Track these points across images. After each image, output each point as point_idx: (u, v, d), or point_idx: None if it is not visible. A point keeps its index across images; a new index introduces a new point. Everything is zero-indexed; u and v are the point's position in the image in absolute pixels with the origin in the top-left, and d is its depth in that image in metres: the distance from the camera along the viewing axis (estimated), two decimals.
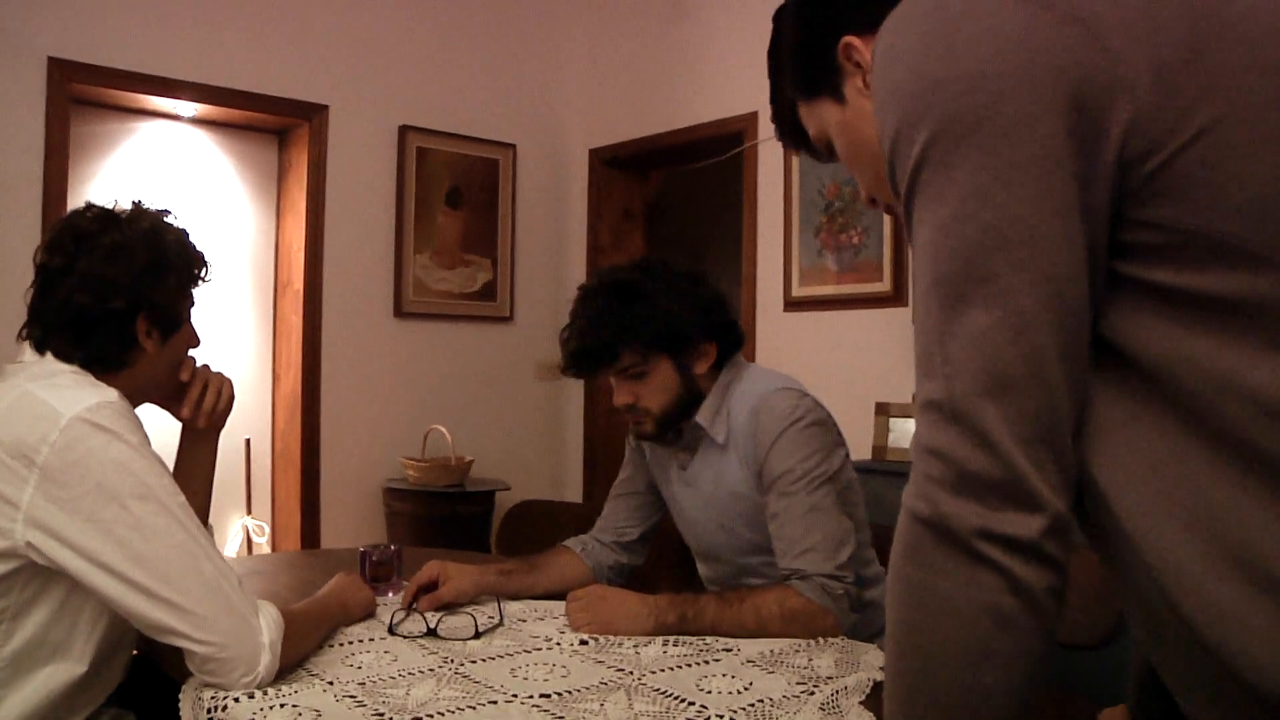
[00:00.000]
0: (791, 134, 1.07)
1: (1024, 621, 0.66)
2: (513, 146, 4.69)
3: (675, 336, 1.69)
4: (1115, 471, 0.68)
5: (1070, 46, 0.65)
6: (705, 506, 1.81)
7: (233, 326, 4.20)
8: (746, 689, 1.31)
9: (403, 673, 1.35)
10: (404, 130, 4.32)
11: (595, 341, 1.69)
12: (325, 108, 4.11)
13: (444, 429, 4.18)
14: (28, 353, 1.36)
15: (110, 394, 1.29)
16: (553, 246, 4.91)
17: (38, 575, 1.24)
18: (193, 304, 1.49)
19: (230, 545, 4.17)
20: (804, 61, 0.99)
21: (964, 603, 0.66)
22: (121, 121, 3.92)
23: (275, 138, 4.31)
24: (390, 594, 1.79)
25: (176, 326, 1.45)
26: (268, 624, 1.26)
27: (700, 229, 6.11)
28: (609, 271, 1.79)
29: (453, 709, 1.21)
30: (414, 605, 1.64)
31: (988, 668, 0.66)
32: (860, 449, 3.26)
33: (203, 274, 1.49)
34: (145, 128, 3.97)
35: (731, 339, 1.79)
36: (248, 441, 4.17)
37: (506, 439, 4.67)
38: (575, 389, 4.92)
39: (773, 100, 1.09)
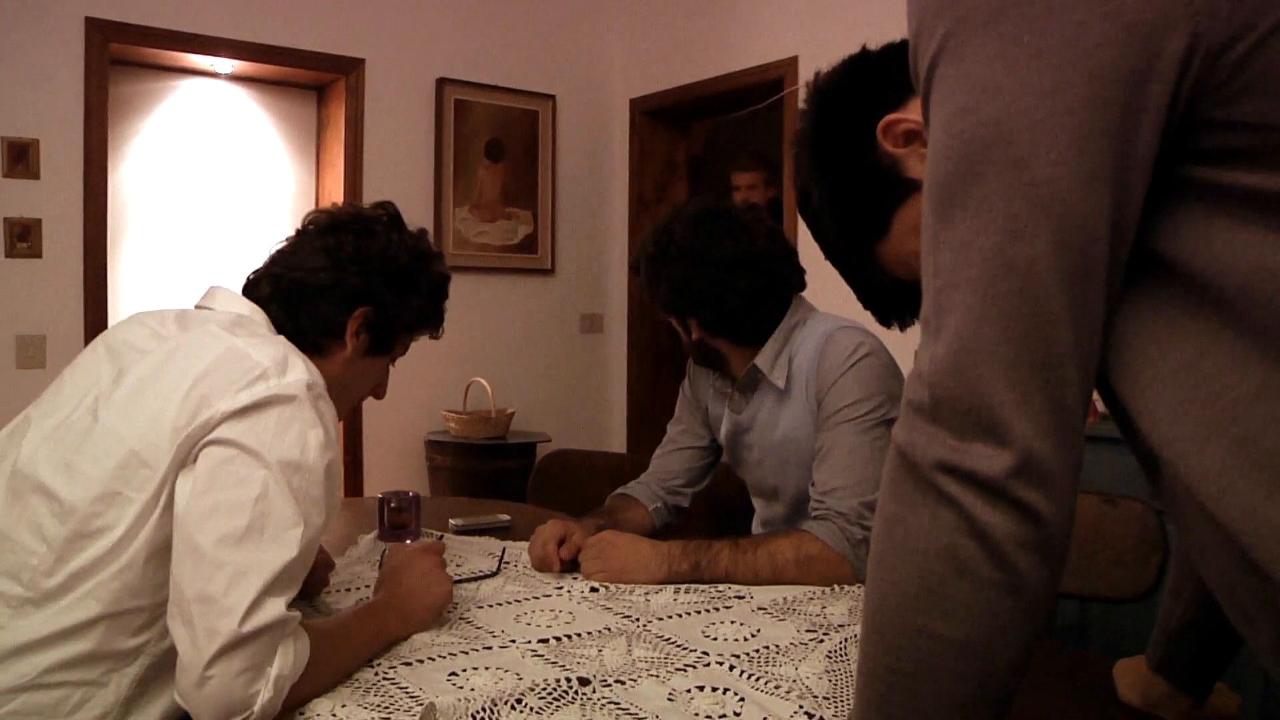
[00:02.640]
0: (886, 302, 0.98)
1: (984, 572, 0.59)
2: (552, 98, 4.64)
3: (664, 303, 1.78)
4: (1181, 424, 0.59)
5: None
6: (763, 450, 1.78)
7: None
8: (753, 635, 1.28)
9: None
10: (441, 83, 4.29)
11: (641, 278, 1.83)
12: (362, 62, 4.09)
13: (485, 382, 4.18)
14: (219, 297, 1.30)
15: (317, 373, 1.16)
16: (594, 199, 4.87)
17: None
18: (405, 347, 1.43)
19: None
20: (859, 194, 0.91)
21: (922, 540, 0.60)
22: (160, 80, 3.94)
23: (313, 93, 4.31)
24: (408, 541, 1.79)
25: (385, 348, 1.38)
26: (286, 660, 1.02)
27: None
28: (671, 214, 1.81)
29: (445, 654, 1.19)
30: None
31: (938, 614, 0.60)
32: None
33: (434, 329, 1.45)
34: (184, 86, 3.99)
35: (731, 327, 1.75)
36: None
37: (548, 392, 4.67)
38: (619, 341, 4.90)
39: (849, 274, 0.99)
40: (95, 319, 3.50)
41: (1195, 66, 0.55)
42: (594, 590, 1.49)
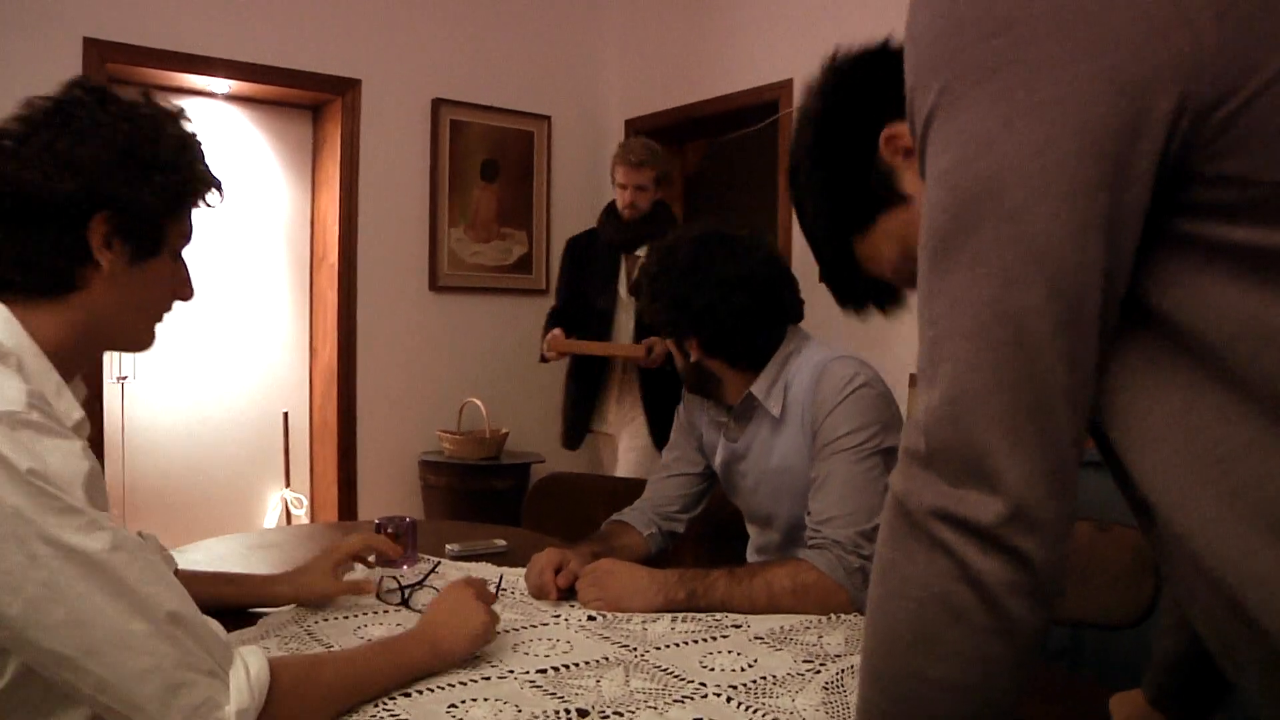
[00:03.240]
0: (848, 288, 1.00)
1: (979, 619, 0.60)
2: (548, 118, 4.66)
3: (661, 321, 1.80)
4: (1172, 475, 0.60)
5: None
6: (758, 478, 1.79)
7: (269, 301, 4.24)
8: (750, 666, 1.28)
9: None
10: (437, 103, 4.31)
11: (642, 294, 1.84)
12: (358, 82, 4.10)
13: (479, 402, 4.18)
14: None
15: (13, 388, 0.93)
16: (589, 219, 4.83)
17: None
18: (188, 235, 1.17)
19: (269, 518, 4.22)
20: (850, 187, 0.92)
21: (917, 586, 0.62)
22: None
23: (309, 113, 4.32)
24: (405, 567, 1.79)
25: (153, 248, 1.11)
26: (239, 692, 0.95)
27: (739, 201, 6.02)
28: (675, 234, 1.82)
29: (444, 685, 1.19)
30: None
31: (933, 660, 0.61)
32: None
33: (208, 196, 1.18)
34: (180, 106, 4.00)
35: (731, 347, 1.76)
36: (285, 415, 4.21)
37: (542, 412, 4.66)
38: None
39: (819, 254, 1.00)
40: None
41: (1184, 124, 0.57)
42: (591, 619, 1.49)
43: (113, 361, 3.81)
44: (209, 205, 1.19)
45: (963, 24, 0.61)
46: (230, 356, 4.15)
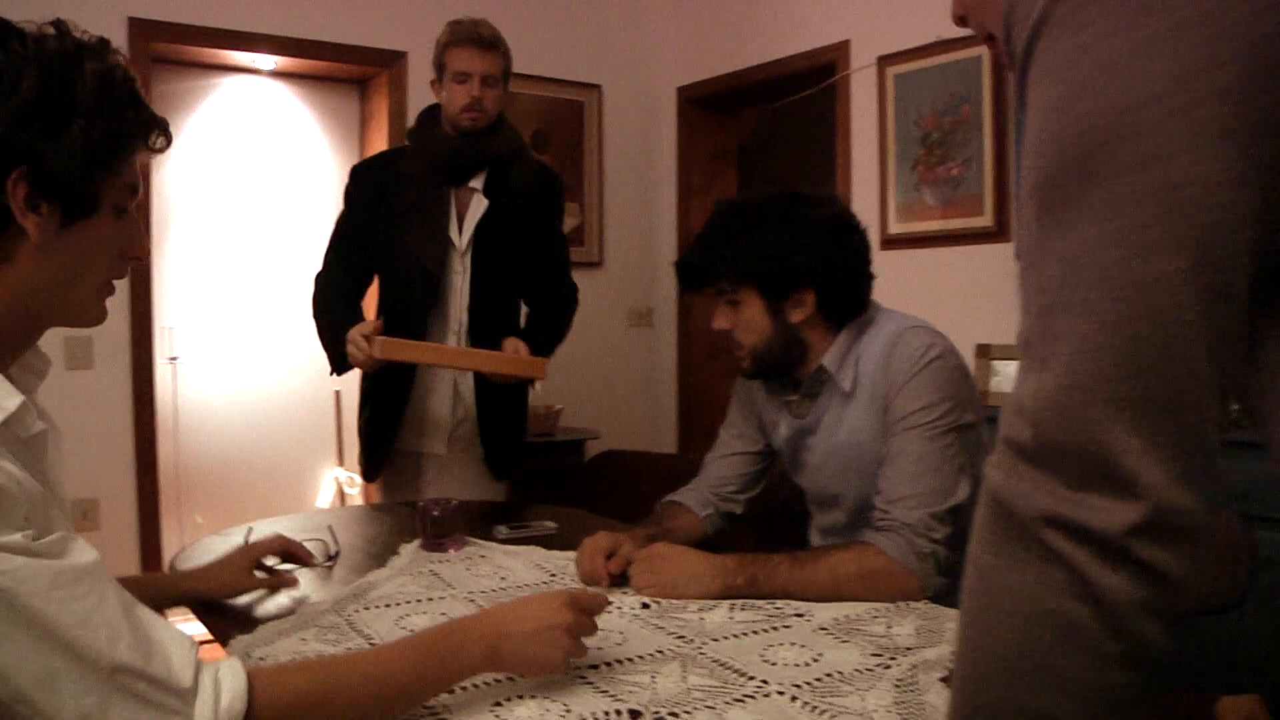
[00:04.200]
0: None
1: (1098, 641, 0.50)
2: (598, 87, 4.56)
3: (765, 274, 1.59)
4: None
5: None
6: (825, 454, 1.68)
7: None
8: (815, 660, 1.19)
9: None
10: None
11: (694, 259, 1.66)
12: (404, 55, 4.03)
13: None
14: None
15: None
16: (643, 189, 4.78)
17: None
18: (134, 187, 1.01)
19: (323, 497, 4.21)
20: None
21: (1024, 602, 0.51)
22: (202, 78, 3.93)
23: (356, 88, 4.27)
24: (451, 550, 1.72)
25: (88, 207, 0.95)
26: (204, 709, 0.87)
27: (795, 167, 5.88)
28: (745, 193, 1.72)
29: (491, 680, 1.12)
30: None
31: (1045, 689, 0.51)
32: None
33: (151, 139, 1.01)
34: (226, 83, 3.97)
35: (845, 296, 1.63)
36: (338, 394, 4.19)
37: (597, 388, 4.60)
38: (669, 336, 4.81)
39: None
40: (141, 319, 3.49)
41: None
42: (645, 607, 1.41)
43: (163, 341, 3.81)
44: (153, 149, 1.02)
45: None
46: (281, 335, 4.12)
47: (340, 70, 4.09)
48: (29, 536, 0.82)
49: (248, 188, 4.06)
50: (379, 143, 4.12)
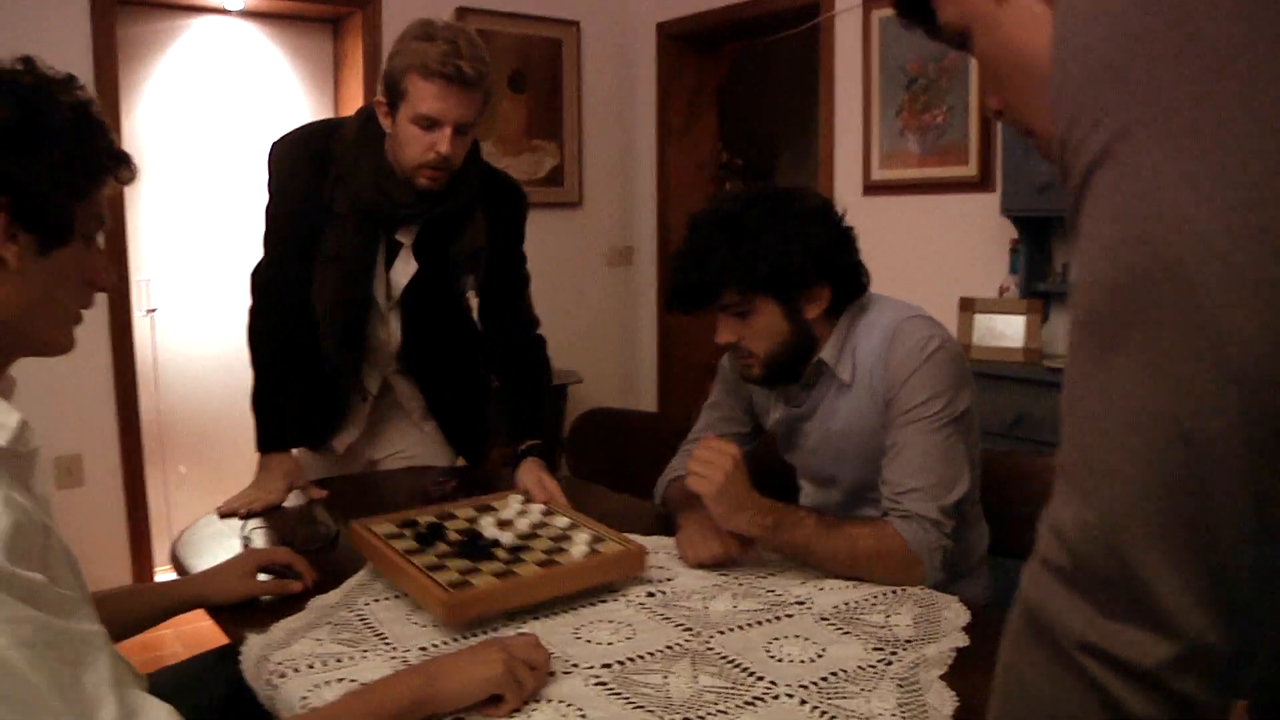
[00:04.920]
0: (913, 6, 0.82)
1: None
2: (576, 24, 4.48)
3: (781, 278, 1.55)
4: None
5: None
6: (820, 439, 1.71)
7: None
8: (819, 656, 1.24)
9: (473, 633, 1.30)
10: (461, 12, 4.13)
11: (695, 279, 1.57)
12: None
13: None
14: None
15: None
16: (621, 129, 4.73)
17: None
18: (101, 217, 1.05)
19: None
20: None
21: (1050, 708, 0.54)
22: (170, 19, 3.80)
23: (329, 27, 4.16)
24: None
25: (62, 235, 0.99)
26: None
27: (775, 109, 5.82)
28: (719, 202, 1.65)
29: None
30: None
31: None
32: None
33: (117, 170, 1.05)
34: (195, 24, 3.85)
35: (852, 283, 1.63)
36: None
37: (578, 328, 4.61)
38: (649, 273, 4.81)
39: None
40: (117, 268, 3.45)
41: None
42: (650, 595, 1.44)
43: (141, 294, 3.76)
44: (120, 181, 1.06)
45: (1157, 43, 0.48)
46: None
47: (311, 10, 3.98)
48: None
49: (220, 133, 3.97)
50: (354, 84, 4.04)
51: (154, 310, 3.81)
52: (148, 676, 1.14)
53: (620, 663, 1.22)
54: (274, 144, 1.99)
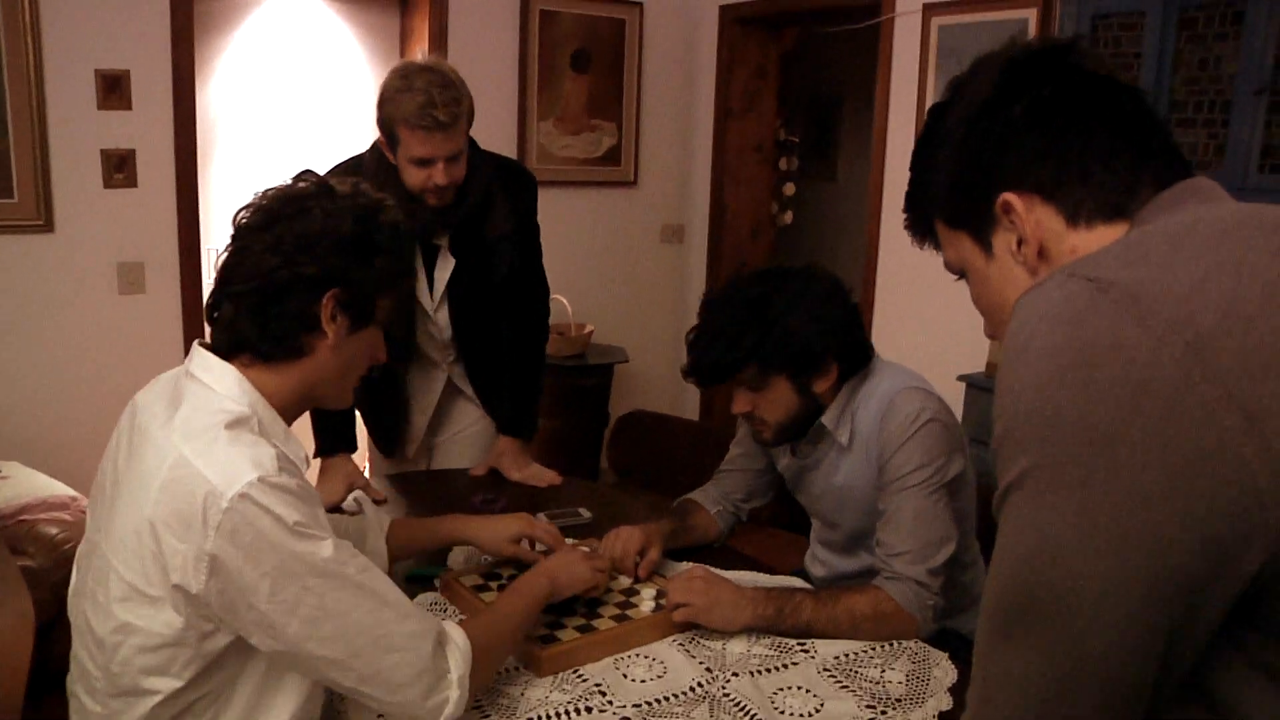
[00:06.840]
0: (920, 228, 0.95)
1: None
2: (640, 5, 4.53)
3: (797, 359, 1.70)
4: None
5: (1222, 445, 0.58)
6: (823, 489, 1.87)
7: None
8: (817, 711, 1.39)
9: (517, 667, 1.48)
10: None
11: (715, 358, 1.71)
12: None
13: (564, 299, 4.25)
14: (195, 356, 1.27)
15: (265, 455, 1.14)
16: (680, 109, 4.80)
17: (236, 653, 1.17)
18: (390, 308, 1.34)
19: None
20: (957, 195, 0.87)
21: None
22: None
23: (397, 5, 4.27)
24: None
25: (366, 319, 1.30)
26: (456, 661, 1.23)
27: (835, 90, 5.83)
28: (738, 283, 1.77)
29: (551, 713, 1.35)
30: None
31: None
32: (977, 359, 3.22)
33: (409, 278, 1.36)
34: (266, 3, 3.98)
35: (858, 358, 1.77)
36: None
37: (627, 305, 4.74)
38: (699, 250, 4.92)
39: (912, 190, 0.95)
40: (189, 244, 3.63)
41: (1265, 575, 0.60)
42: (682, 631, 1.60)
43: (211, 264, 3.93)
44: (405, 290, 1.42)
45: (1063, 416, 0.62)
46: None
47: None
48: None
49: (290, 108, 4.12)
50: None
51: None
52: None
53: (649, 702, 1.40)
54: None
